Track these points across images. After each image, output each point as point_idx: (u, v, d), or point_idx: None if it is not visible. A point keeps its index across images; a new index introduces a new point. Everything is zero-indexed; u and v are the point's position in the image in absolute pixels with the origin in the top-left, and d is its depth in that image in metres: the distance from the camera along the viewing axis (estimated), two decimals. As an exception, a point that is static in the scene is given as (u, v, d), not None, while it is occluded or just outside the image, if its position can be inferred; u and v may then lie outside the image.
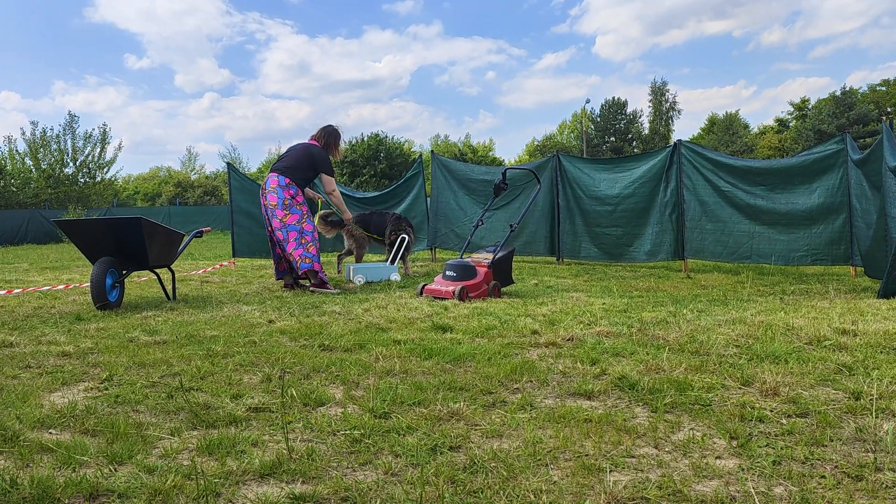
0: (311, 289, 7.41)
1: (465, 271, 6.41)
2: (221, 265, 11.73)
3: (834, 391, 2.89)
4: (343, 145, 8.55)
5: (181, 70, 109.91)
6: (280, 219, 7.40)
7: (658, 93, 73.06)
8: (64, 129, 37.08)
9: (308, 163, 7.69)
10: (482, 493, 1.96)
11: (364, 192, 14.40)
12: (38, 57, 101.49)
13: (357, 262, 9.41)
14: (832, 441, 2.30)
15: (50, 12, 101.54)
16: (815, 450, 2.22)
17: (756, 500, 1.89)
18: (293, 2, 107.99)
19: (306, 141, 8.02)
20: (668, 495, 1.93)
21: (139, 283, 8.59)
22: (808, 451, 2.21)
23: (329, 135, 8.11)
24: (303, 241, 7.42)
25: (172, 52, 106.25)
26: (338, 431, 2.50)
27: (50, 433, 2.54)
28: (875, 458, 2.12)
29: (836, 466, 2.10)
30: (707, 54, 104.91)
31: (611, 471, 2.10)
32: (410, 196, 12.35)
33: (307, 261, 7.35)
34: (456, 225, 11.96)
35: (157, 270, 6.89)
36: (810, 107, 57.03)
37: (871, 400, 2.68)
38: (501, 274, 6.79)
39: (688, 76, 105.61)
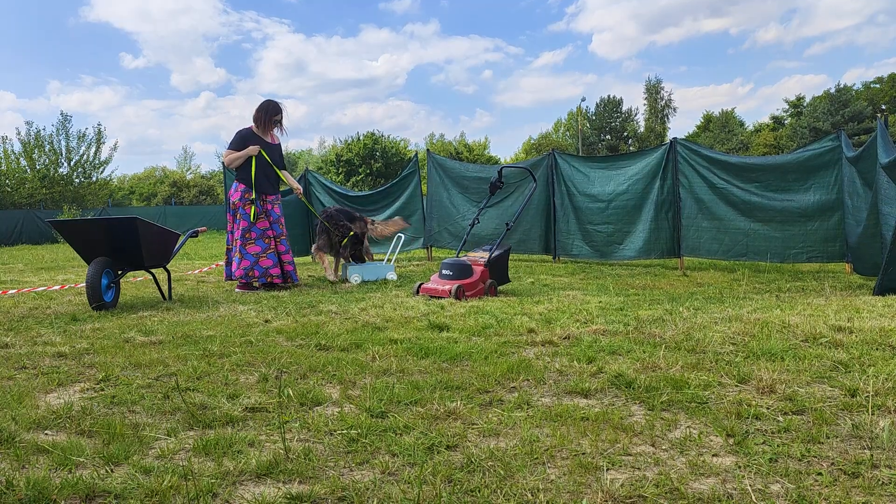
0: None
1: (462, 270, 6.40)
2: (217, 265, 11.70)
3: (830, 388, 2.89)
4: (282, 119, 7.77)
5: (177, 69, 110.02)
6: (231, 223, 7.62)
7: (653, 91, 73.23)
8: (57, 130, 37.02)
9: None
10: (479, 491, 1.96)
11: (359, 191, 14.37)
12: (33, 56, 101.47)
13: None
14: (829, 438, 2.31)
15: (46, 11, 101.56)
16: (811, 447, 2.23)
17: (753, 497, 1.89)
18: (290, 0, 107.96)
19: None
20: (665, 493, 1.93)
21: (135, 283, 8.57)
22: (804, 448, 2.22)
23: (260, 110, 7.64)
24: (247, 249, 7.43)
25: (168, 51, 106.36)
26: (334, 431, 2.49)
27: (46, 434, 2.53)
28: (871, 455, 2.13)
29: (832, 463, 2.10)
30: (703, 52, 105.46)
31: (608, 469, 2.10)
32: (405, 195, 12.34)
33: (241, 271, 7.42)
34: (448, 223, 11.96)
35: (153, 270, 6.87)
36: (805, 104, 57.11)
37: (867, 397, 2.69)
38: (498, 272, 6.79)
39: (684, 74, 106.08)
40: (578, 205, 10.58)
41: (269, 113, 7.64)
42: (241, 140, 7.55)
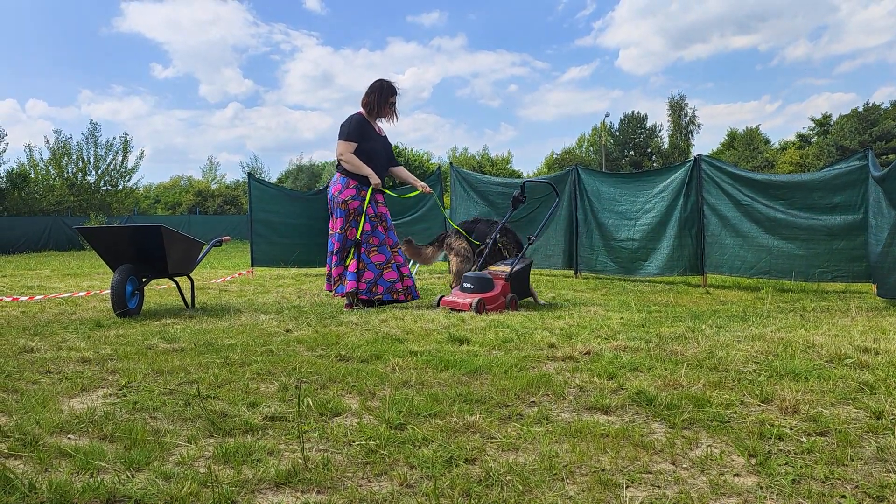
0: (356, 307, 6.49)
1: (483, 283, 6.40)
2: (240, 274, 11.81)
3: (855, 410, 2.85)
4: (394, 100, 6.60)
5: (205, 80, 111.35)
6: (331, 227, 6.67)
7: (676, 107, 72.93)
8: (86, 138, 37.73)
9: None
10: (497, 506, 1.95)
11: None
12: (65, 65, 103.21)
13: (455, 281, 7.48)
14: (853, 460, 2.27)
15: (79, 21, 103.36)
16: (835, 469, 2.19)
17: (775, 518, 1.86)
18: (319, 13, 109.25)
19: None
20: (686, 512, 1.91)
21: (158, 290, 8.66)
22: (828, 470, 2.18)
23: (372, 92, 6.50)
24: (343, 256, 6.54)
25: (197, 61, 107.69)
26: (353, 442, 2.50)
27: (69, 438, 2.57)
28: (897, 479, 2.09)
29: (856, 486, 2.06)
30: (731, 69, 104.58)
31: (627, 486, 2.09)
32: (424, 208, 12.37)
33: (344, 281, 6.56)
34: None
35: (177, 278, 6.95)
36: (832, 123, 56.48)
37: (892, 419, 2.64)
38: (519, 286, 6.77)
39: (711, 90, 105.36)
40: (603, 220, 10.55)
41: (385, 94, 6.53)
42: (360, 128, 6.45)
